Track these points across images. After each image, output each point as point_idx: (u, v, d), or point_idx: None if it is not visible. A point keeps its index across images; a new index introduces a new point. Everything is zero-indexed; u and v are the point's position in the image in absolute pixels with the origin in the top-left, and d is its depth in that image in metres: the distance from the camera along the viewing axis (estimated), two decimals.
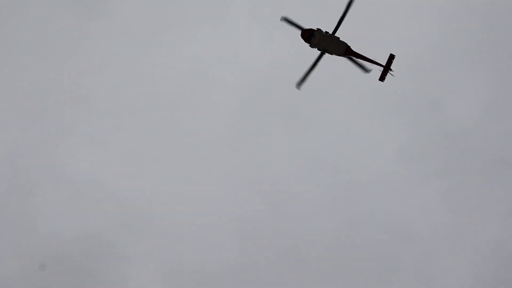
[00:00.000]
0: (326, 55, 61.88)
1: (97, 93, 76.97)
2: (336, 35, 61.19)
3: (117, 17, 77.08)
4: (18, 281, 75.00)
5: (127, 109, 77.59)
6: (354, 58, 61.70)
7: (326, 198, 79.10)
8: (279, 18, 60.28)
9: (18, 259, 75.01)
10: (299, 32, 61.14)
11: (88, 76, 76.82)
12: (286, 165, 79.00)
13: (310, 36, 60.71)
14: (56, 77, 76.34)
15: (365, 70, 61.64)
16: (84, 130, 76.83)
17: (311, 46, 61.12)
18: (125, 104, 77.55)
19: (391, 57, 61.36)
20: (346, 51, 61.29)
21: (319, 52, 61.41)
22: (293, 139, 78.84)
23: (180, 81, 77.87)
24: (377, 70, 62.08)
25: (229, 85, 77.81)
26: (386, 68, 61.43)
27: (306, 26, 61.29)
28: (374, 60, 61.60)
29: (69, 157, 76.40)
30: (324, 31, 60.95)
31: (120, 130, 77.44)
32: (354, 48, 61.75)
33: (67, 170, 76.22)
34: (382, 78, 61.67)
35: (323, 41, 60.58)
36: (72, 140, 76.62)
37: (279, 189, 78.98)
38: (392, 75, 61.89)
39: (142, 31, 77.36)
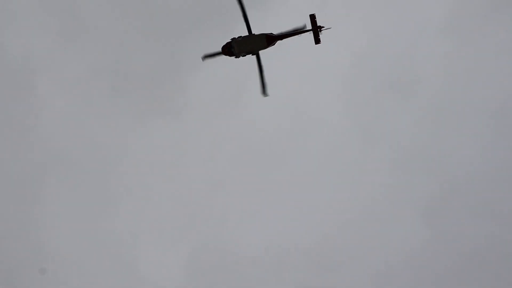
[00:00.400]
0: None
1: None
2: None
3: None
4: None
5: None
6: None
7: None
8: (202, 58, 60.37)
9: None
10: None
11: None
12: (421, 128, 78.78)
13: (229, 49, 60.50)
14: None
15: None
16: None
17: (236, 56, 60.75)
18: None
19: (312, 17, 59.77)
20: (268, 40, 60.10)
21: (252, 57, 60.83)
22: (410, 104, 78.65)
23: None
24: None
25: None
26: (315, 29, 59.90)
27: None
28: (299, 30, 60.29)
29: None
30: (237, 37, 60.35)
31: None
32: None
33: None
34: (316, 41, 60.33)
35: (243, 45, 60.08)
36: None
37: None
38: (328, 28, 59.97)
39: None
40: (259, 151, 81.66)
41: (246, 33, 60.18)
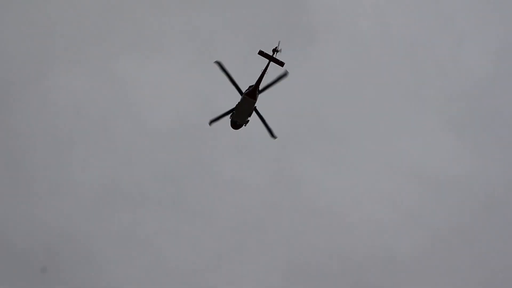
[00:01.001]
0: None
1: None
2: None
3: None
4: None
5: None
6: (261, 117, 63.37)
7: None
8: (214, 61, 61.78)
9: None
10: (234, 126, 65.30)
11: None
12: None
13: (235, 123, 64.53)
14: None
15: (272, 135, 64.08)
16: None
17: (245, 125, 64.91)
18: None
19: (261, 53, 61.87)
20: (251, 97, 62.23)
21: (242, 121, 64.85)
22: None
23: None
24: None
25: None
26: (273, 58, 61.95)
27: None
28: (264, 69, 61.97)
29: None
30: (231, 113, 64.07)
31: None
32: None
33: None
34: (280, 64, 62.16)
35: (240, 115, 63.48)
36: None
37: None
38: (279, 43, 62.12)
39: None
40: None
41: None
